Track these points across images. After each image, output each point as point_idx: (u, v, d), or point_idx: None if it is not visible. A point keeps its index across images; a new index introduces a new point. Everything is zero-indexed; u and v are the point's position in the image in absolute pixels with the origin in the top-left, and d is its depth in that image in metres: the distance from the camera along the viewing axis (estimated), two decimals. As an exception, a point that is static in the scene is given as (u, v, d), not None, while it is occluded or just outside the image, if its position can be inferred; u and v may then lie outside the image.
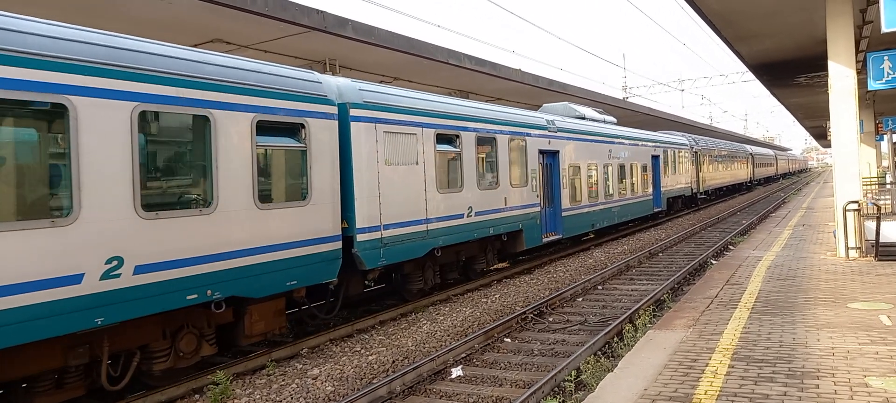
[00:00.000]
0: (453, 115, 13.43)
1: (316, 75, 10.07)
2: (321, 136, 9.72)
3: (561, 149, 18.23)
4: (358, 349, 9.74)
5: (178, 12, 12.14)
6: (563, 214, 18.23)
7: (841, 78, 13.02)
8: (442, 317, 11.44)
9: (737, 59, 19.63)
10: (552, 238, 17.55)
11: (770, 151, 77.03)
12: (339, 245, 9.99)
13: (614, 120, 24.53)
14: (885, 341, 6.94)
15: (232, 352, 9.71)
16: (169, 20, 12.56)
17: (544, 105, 21.98)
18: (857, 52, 15.45)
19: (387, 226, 11.17)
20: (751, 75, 23.53)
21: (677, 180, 31.16)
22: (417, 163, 12.09)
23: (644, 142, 26.38)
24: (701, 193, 36.30)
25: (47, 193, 6.55)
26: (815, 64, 19.27)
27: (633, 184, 24.43)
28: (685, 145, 33.05)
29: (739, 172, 51.69)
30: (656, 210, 27.86)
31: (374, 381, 8.28)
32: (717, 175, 42.20)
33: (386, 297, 13.68)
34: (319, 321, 11.11)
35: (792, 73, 22.32)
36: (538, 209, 16.57)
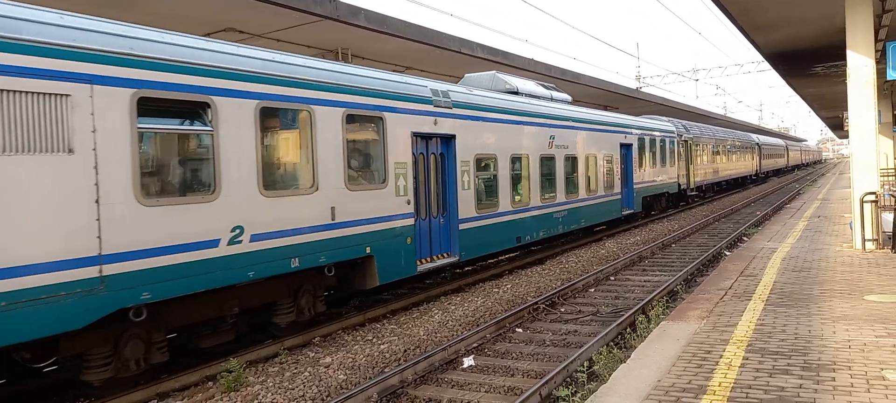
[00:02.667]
0: (183, 66, 7.81)
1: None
2: None
3: (460, 132, 12.96)
4: (370, 338, 9.77)
5: (191, 0, 12.16)
6: (463, 227, 12.99)
7: (859, 67, 12.83)
8: (454, 307, 11.44)
9: (753, 49, 19.40)
10: (441, 261, 12.45)
11: (780, 141, 71.11)
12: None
13: (568, 98, 19.28)
14: (902, 334, 6.86)
15: (244, 341, 9.78)
16: (182, 9, 12.59)
17: (466, 76, 17.04)
18: (877, 41, 15.19)
19: None
20: (766, 65, 23.26)
21: (658, 174, 25.94)
22: (69, 151, 6.68)
23: (609, 127, 21.05)
24: (691, 189, 31.21)
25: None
26: (832, 53, 19.00)
27: (590, 181, 19.10)
28: (670, 132, 27.77)
29: (743, 164, 45.80)
30: (627, 212, 22.68)
31: (386, 370, 8.30)
32: (714, 167, 36.98)
33: (397, 287, 13.71)
34: (332, 310, 11.16)
35: (809, 63, 22.02)
36: (410, 221, 11.42)
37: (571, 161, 17.97)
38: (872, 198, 12.60)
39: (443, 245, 12.78)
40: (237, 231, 8.34)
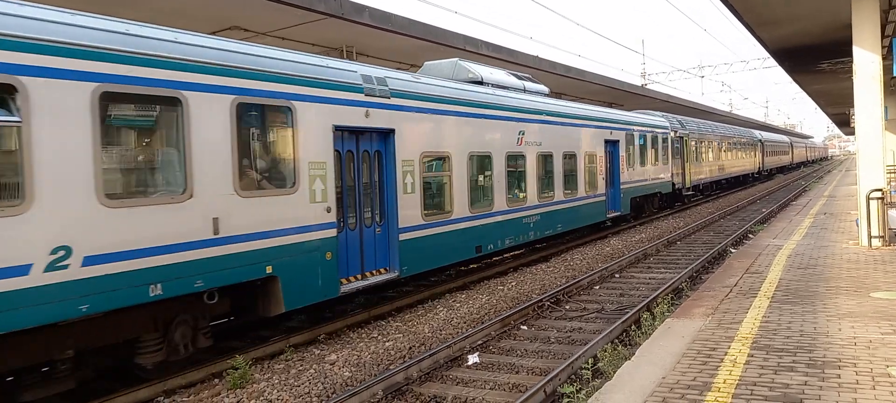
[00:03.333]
0: None
1: None
2: None
3: (402, 126, 11.08)
4: (375, 335, 9.79)
5: (196, -1, 12.21)
6: (405, 237, 11.11)
7: (866, 64, 12.78)
8: (458, 304, 11.45)
9: (758, 45, 19.33)
10: (374, 279, 10.59)
11: (784, 138, 68.63)
12: None
13: (545, 89, 17.59)
14: (908, 331, 6.84)
15: (251, 338, 9.82)
16: (186, 7, 12.63)
17: (425, 64, 15.26)
18: (883, 37, 15.14)
19: None
20: (772, 62, 23.17)
21: (649, 173, 24.23)
22: None
23: (592, 122, 19.21)
24: (687, 189, 29.51)
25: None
26: (838, 50, 18.92)
27: (568, 181, 17.31)
28: (663, 128, 25.98)
29: (744, 162, 43.66)
30: (613, 215, 20.86)
31: (391, 367, 8.33)
32: (713, 166, 35.05)
33: (402, 285, 13.74)
34: (337, 308, 11.19)
35: (815, 59, 21.93)
36: (330, 233, 9.50)
37: (546, 159, 16.13)
38: (879, 194, 12.56)
39: (379, 259, 10.87)
40: (61, 253, 6.45)
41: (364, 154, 10.61)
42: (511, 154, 14.59)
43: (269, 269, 8.55)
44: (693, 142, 30.61)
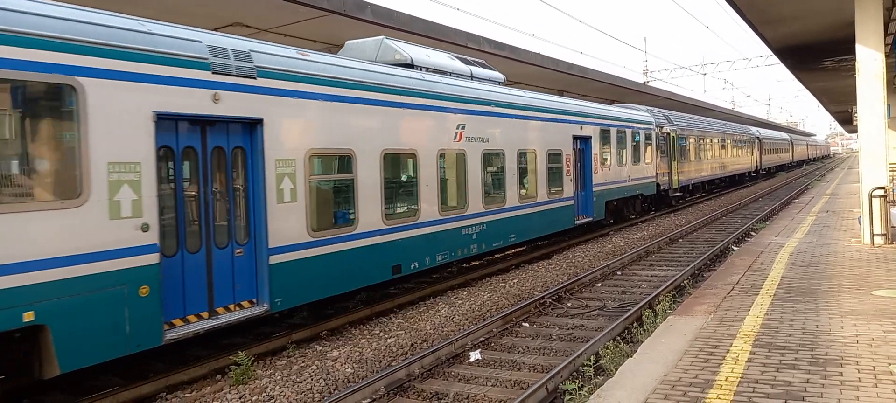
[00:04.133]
0: None
1: None
2: None
3: (275, 117, 8.68)
4: (377, 332, 9.80)
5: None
6: (281, 259, 8.71)
7: (869, 61, 12.75)
8: (460, 301, 11.46)
9: (761, 43, 19.29)
10: (225, 317, 8.11)
11: (784, 135, 65.91)
12: None
13: (500, 77, 15.33)
14: (910, 329, 6.84)
15: (254, 334, 9.84)
16: (186, 4, 12.63)
17: (346, 43, 12.95)
18: (886, 34, 15.10)
19: None
20: (775, 59, 23.11)
21: (629, 173, 21.68)
22: None
23: (556, 115, 16.74)
24: (675, 190, 27.38)
25: None
26: (841, 47, 18.89)
27: (525, 183, 15.11)
28: (646, 123, 23.68)
29: (740, 160, 41.45)
30: (583, 221, 18.26)
31: (393, 364, 8.34)
32: (705, 165, 32.68)
33: (402, 282, 13.74)
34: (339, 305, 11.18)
35: (817, 57, 21.90)
36: (147, 259, 7.12)
37: (494, 158, 13.71)
38: (881, 192, 12.54)
39: (241, 290, 8.38)
40: None
41: (215, 152, 8.13)
42: (446, 151, 12.24)
43: (29, 316, 6.06)
44: (683, 139, 28.72)
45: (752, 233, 18.61)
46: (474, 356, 8.61)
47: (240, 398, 7.31)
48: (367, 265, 10.31)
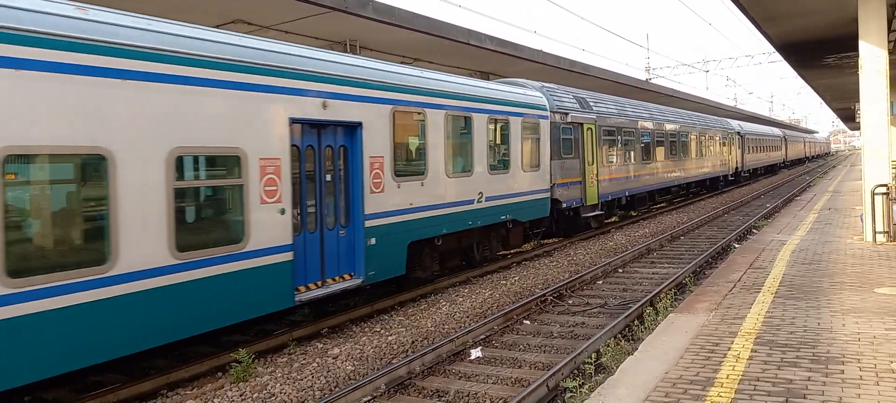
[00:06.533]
0: None
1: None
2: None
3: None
4: (378, 329, 9.80)
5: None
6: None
7: (872, 58, 12.72)
8: (461, 299, 11.46)
9: (764, 40, 19.23)
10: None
11: (775, 131, 55.75)
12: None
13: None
14: (912, 327, 6.82)
15: (255, 332, 9.84)
16: (189, 0, 12.61)
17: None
18: (889, 31, 15.04)
19: None
20: (777, 56, 23.06)
21: (487, 186, 13.67)
22: None
23: (229, 74, 8.26)
24: (591, 207, 19.24)
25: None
26: (844, 44, 18.81)
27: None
28: (532, 106, 15.78)
29: (709, 161, 32.22)
30: (311, 295, 9.33)
31: (394, 361, 8.34)
32: (651, 168, 24.29)
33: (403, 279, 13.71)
34: (341, 302, 11.20)
35: (820, 54, 21.82)
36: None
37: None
38: (884, 190, 12.50)
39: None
40: None
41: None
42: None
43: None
44: (608, 133, 20.63)
45: (754, 231, 18.57)
46: (475, 353, 8.60)
47: (240, 395, 7.31)
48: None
